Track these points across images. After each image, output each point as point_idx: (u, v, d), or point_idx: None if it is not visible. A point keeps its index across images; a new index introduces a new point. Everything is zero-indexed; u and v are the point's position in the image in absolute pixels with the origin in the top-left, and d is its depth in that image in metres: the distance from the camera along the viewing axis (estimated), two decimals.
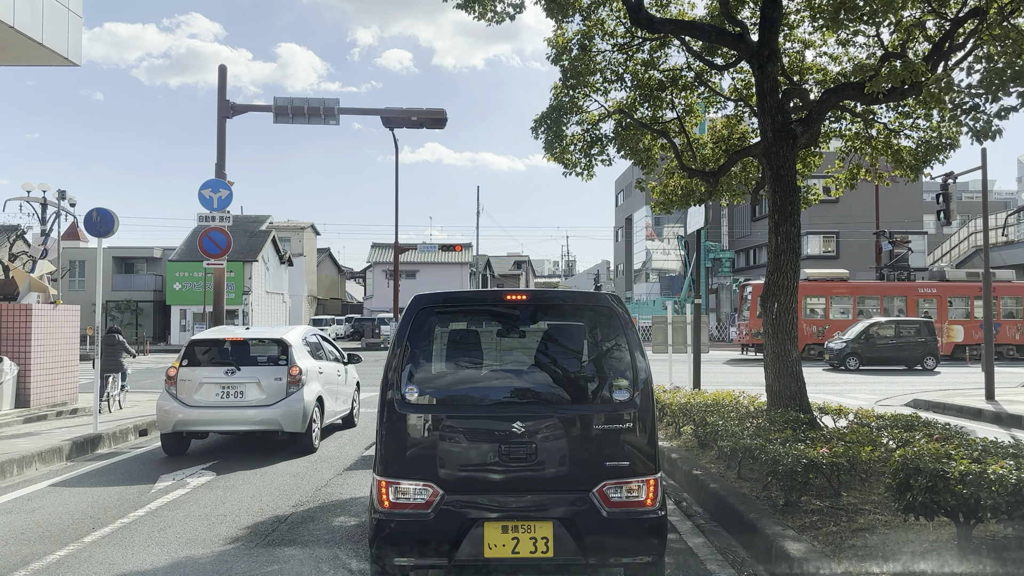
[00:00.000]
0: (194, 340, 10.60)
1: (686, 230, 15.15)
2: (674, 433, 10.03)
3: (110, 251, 47.35)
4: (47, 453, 9.71)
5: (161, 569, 5.61)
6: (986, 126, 7.95)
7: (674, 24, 9.80)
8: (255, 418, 10.00)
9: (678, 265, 56.74)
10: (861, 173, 11.51)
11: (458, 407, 4.64)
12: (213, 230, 14.64)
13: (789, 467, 6.02)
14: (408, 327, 4.68)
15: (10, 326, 13.34)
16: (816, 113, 9.11)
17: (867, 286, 33.07)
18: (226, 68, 15.36)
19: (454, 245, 39.90)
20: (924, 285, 31.83)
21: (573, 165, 11.29)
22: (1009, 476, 4.62)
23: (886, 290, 31.57)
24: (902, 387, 19.34)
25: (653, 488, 4.49)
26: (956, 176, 21.11)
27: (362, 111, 17.20)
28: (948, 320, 31.11)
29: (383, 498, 4.47)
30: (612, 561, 4.47)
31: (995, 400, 14.95)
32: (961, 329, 31.17)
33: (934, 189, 28.77)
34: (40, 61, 12.36)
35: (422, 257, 57.04)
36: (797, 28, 10.49)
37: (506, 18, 9.28)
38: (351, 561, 5.69)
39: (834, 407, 9.15)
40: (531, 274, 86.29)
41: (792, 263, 8.75)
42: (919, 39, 9.33)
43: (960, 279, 31.87)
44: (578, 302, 5.18)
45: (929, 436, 6.89)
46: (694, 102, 11.46)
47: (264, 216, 52.12)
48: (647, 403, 4.59)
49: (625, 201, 66.22)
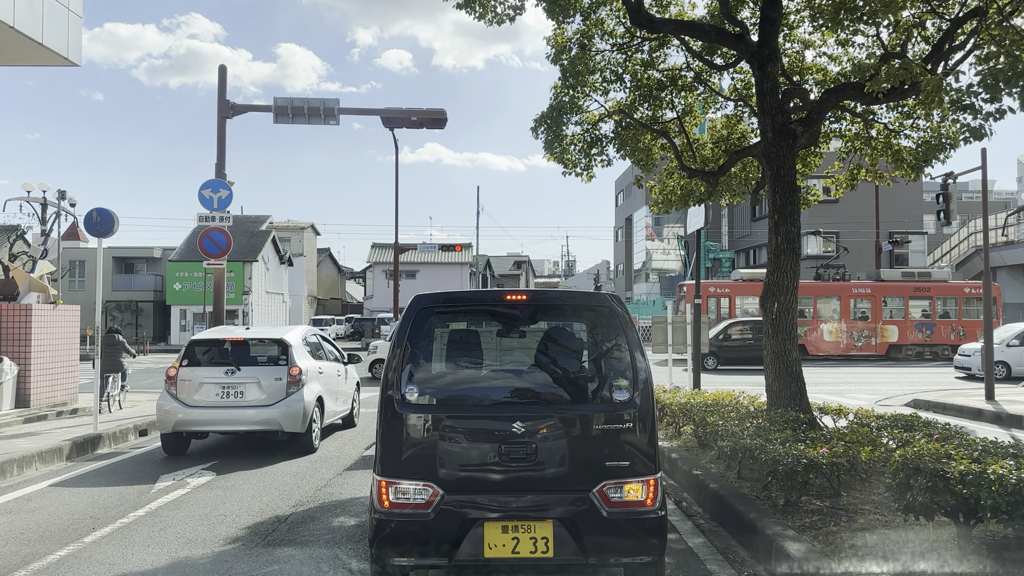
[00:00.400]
0: (194, 340, 10.60)
1: (686, 230, 15.14)
2: (674, 433, 10.03)
3: (110, 251, 47.36)
4: (47, 453, 9.71)
5: (161, 569, 5.61)
6: (981, 125, 7.94)
7: (674, 24, 9.79)
8: (255, 418, 10.00)
9: (678, 265, 56.71)
10: (861, 173, 11.51)
11: (458, 407, 4.64)
12: (213, 230, 14.64)
13: (789, 467, 6.02)
14: (408, 327, 4.68)
15: (10, 326, 13.34)
16: (816, 113, 9.11)
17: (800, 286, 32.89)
18: (226, 68, 15.36)
19: (454, 245, 39.82)
20: (858, 285, 31.61)
21: (573, 165, 11.28)
22: (1009, 476, 4.62)
23: (819, 290, 31.10)
24: (902, 387, 19.35)
25: (653, 488, 4.49)
26: (956, 176, 21.10)
27: (362, 111, 17.20)
28: (882, 320, 30.86)
29: (383, 498, 4.47)
30: (612, 561, 4.47)
31: (995, 400, 14.96)
32: (895, 329, 30.96)
33: (934, 189, 28.78)
34: (40, 61, 12.36)
35: (422, 257, 57.04)
36: (797, 28, 10.49)
37: (506, 19, 9.26)
38: (351, 561, 5.69)
39: (834, 407, 9.15)
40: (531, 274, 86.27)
41: (792, 263, 8.75)
42: (918, 39, 9.33)
43: (895, 279, 31.63)
44: (578, 302, 5.18)
45: (929, 436, 6.89)
46: (693, 102, 11.46)
47: (264, 216, 52.11)
48: (647, 403, 4.59)
49: (625, 201, 66.22)
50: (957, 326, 30.61)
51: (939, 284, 31.38)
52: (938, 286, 31.22)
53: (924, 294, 31.10)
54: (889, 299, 31.24)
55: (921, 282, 31.40)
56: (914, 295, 31.16)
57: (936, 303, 31.09)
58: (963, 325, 30.52)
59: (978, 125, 7.93)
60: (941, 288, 31.26)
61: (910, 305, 31.15)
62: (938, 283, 31.41)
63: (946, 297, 31.25)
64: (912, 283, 31.36)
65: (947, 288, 31.37)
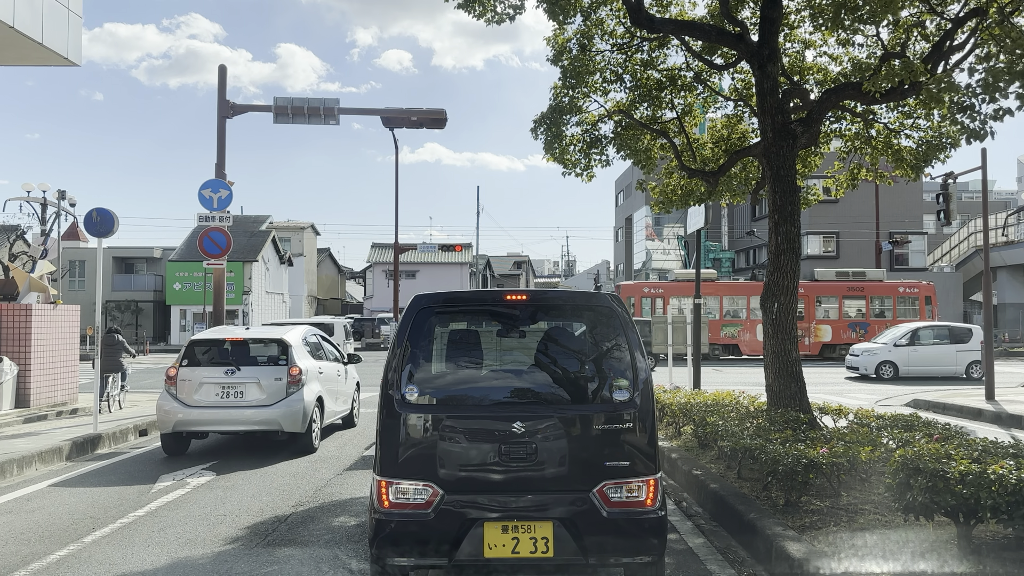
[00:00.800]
0: (194, 340, 10.60)
1: (686, 230, 15.13)
2: (674, 433, 10.03)
3: (110, 251, 47.35)
4: (47, 453, 9.71)
5: (161, 569, 5.61)
6: (980, 126, 7.95)
7: (674, 24, 9.79)
8: (255, 418, 9.99)
9: (678, 265, 56.70)
10: (862, 173, 11.51)
11: (458, 407, 4.64)
12: (213, 230, 14.64)
13: (789, 467, 6.02)
14: (408, 327, 4.68)
15: (10, 326, 13.34)
16: (816, 113, 9.11)
17: (734, 286, 32.64)
18: (226, 68, 15.36)
19: (454, 245, 39.81)
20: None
21: (573, 165, 11.28)
22: (1009, 476, 4.62)
23: (752, 290, 30.81)
24: (902, 387, 19.35)
25: (653, 488, 4.49)
26: (956, 176, 21.10)
27: (362, 111, 17.19)
28: (815, 320, 30.72)
29: (383, 498, 4.47)
30: (612, 561, 4.47)
31: (995, 400, 14.96)
32: (829, 329, 30.85)
33: (934, 189, 28.76)
34: (40, 61, 12.37)
35: (422, 257, 57.05)
36: (797, 28, 10.49)
37: (506, 19, 9.27)
38: (351, 561, 5.69)
39: (834, 407, 9.15)
40: (531, 274, 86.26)
41: (792, 263, 8.75)
42: (919, 39, 9.33)
43: (829, 279, 31.49)
44: (578, 302, 5.17)
45: (929, 436, 6.89)
46: (693, 102, 11.46)
47: (264, 216, 52.12)
48: (647, 403, 4.59)
49: (625, 201, 66.22)
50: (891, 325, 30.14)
51: (873, 284, 31.09)
52: (872, 285, 30.93)
53: (858, 294, 30.87)
54: (823, 299, 31.05)
55: (855, 282, 31.14)
56: (847, 295, 30.91)
57: (871, 303, 30.82)
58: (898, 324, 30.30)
59: (977, 126, 7.94)
60: (875, 288, 30.98)
61: (844, 305, 30.93)
62: (872, 283, 31.11)
63: (881, 297, 30.98)
64: (846, 283, 31.10)
65: (881, 288, 31.10)
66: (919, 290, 31.24)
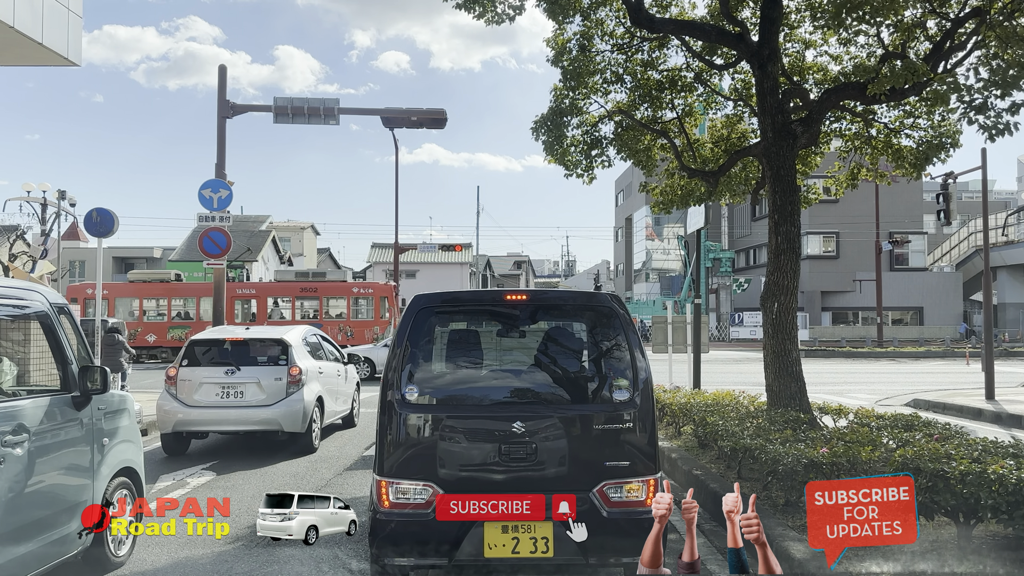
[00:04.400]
0: (194, 340, 10.60)
1: (686, 230, 15.14)
2: (674, 433, 10.02)
3: (110, 251, 47.34)
4: None
5: (161, 569, 5.62)
6: (996, 121, 7.83)
7: (674, 24, 9.79)
8: (255, 418, 9.99)
9: (678, 265, 56.71)
10: (862, 173, 11.49)
11: (458, 407, 4.64)
12: (213, 230, 14.63)
13: (789, 467, 6.01)
14: (408, 327, 4.68)
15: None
16: (816, 113, 9.10)
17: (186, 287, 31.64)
18: (226, 68, 15.34)
19: (454, 245, 39.75)
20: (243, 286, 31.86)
21: (574, 167, 11.27)
22: (1009, 476, 4.62)
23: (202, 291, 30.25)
24: (902, 387, 19.35)
25: (653, 488, 4.50)
26: (956, 176, 21.11)
27: (362, 111, 17.21)
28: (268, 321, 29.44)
29: (383, 498, 4.47)
30: (612, 561, 4.47)
31: (995, 400, 14.96)
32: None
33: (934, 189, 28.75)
34: (40, 61, 12.36)
35: (422, 257, 57.00)
36: (798, 28, 10.48)
37: (506, 19, 9.25)
38: (351, 561, 5.69)
39: (834, 407, 9.14)
40: (531, 274, 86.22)
41: (792, 263, 8.74)
42: (920, 39, 9.32)
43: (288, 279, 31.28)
44: (578, 302, 5.18)
45: (929, 436, 6.88)
46: (694, 102, 11.45)
47: (264, 216, 52.14)
48: (647, 403, 4.59)
49: (625, 201, 66.23)
50: (345, 326, 29.53)
51: (328, 284, 30.59)
52: (326, 286, 30.38)
53: (312, 294, 30.20)
54: (279, 300, 30.62)
55: (311, 282, 30.58)
56: (301, 295, 30.25)
57: (325, 303, 30.20)
58: (351, 326, 29.56)
59: (993, 123, 7.80)
60: (329, 288, 30.38)
61: (298, 305, 30.31)
62: (327, 283, 30.62)
63: (335, 297, 30.40)
64: (300, 283, 30.57)
65: (335, 288, 30.57)
66: (375, 291, 30.57)
